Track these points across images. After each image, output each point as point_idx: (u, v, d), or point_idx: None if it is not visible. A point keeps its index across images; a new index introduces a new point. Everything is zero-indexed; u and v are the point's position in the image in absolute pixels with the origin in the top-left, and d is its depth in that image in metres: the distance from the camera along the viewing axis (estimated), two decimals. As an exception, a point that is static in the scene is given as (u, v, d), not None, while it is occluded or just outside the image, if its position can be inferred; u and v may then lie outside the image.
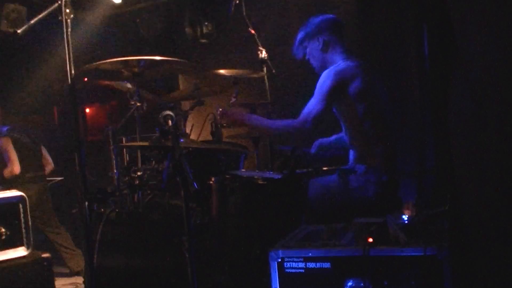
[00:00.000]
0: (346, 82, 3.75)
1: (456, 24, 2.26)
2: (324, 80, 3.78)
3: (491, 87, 2.20)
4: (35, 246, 3.79)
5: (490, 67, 2.19)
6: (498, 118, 2.19)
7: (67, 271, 6.08)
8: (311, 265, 2.58)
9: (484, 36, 2.20)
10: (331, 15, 4.08)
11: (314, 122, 3.73)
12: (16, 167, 5.83)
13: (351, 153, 3.92)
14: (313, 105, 3.76)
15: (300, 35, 4.02)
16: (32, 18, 2.91)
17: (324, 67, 3.95)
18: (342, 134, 4.13)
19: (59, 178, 6.61)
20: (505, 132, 2.18)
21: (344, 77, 3.76)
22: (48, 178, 6.35)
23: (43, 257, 3.74)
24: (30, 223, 3.74)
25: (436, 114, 2.47)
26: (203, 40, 6.07)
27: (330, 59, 3.94)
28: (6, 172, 5.83)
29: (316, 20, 4.02)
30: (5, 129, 6.01)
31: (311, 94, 3.79)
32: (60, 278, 5.81)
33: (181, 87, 6.05)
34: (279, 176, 3.34)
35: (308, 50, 4.01)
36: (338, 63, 3.87)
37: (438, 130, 2.45)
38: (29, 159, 6.05)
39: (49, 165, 6.39)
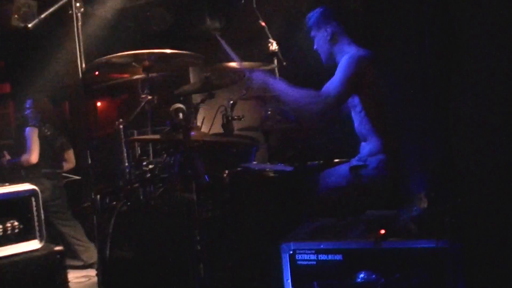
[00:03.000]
0: (368, 68, 3.73)
1: (458, 24, 2.25)
2: (346, 65, 3.72)
3: (492, 83, 2.20)
4: (48, 239, 3.81)
5: (491, 65, 2.19)
6: (500, 115, 2.19)
7: (80, 263, 6.12)
8: (322, 257, 2.59)
9: (486, 36, 2.20)
10: (335, 6, 4.06)
11: (336, 98, 3.67)
12: (33, 157, 6.01)
13: (363, 145, 3.90)
14: (335, 83, 3.70)
15: (307, 25, 4.01)
16: (42, 13, 2.92)
17: (331, 58, 3.91)
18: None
19: (77, 177, 6.70)
20: (508, 127, 2.17)
21: (365, 63, 3.74)
22: (65, 175, 6.46)
23: (56, 250, 3.75)
24: (42, 216, 3.76)
25: (438, 111, 2.46)
26: (218, 32, 6.11)
27: (339, 50, 3.91)
28: (23, 159, 6.01)
29: (321, 10, 4.00)
30: (35, 120, 6.19)
31: (322, 87, 3.77)
32: (73, 271, 5.85)
33: (192, 80, 6.06)
34: (291, 169, 3.33)
35: (316, 40, 4.00)
36: (353, 51, 3.83)
37: (440, 126, 2.44)
38: (49, 154, 6.17)
39: (70, 164, 6.50)
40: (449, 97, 2.34)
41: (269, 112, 4.11)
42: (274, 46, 4.27)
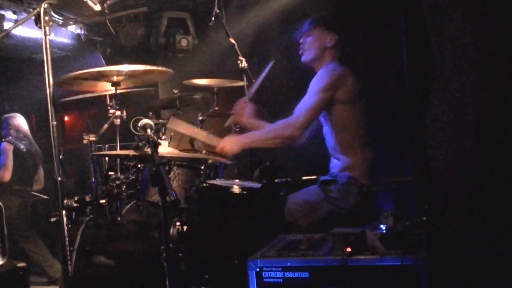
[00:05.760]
0: (342, 81, 3.76)
1: (433, 35, 2.29)
2: (321, 76, 3.77)
3: (468, 96, 2.23)
4: (11, 256, 3.74)
5: (467, 77, 2.23)
6: (475, 128, 2.22)
7: (45, 280, 6.03)
8: (289, 274, 2.58)
9: (461, 47, 2.23)
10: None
11: (308, 117, 3.71)
12: (6, 175, 5.92)
13: (333, 161, 3.91)
14: (306, 99, 3.74)
15: (312, 19, 3.99)
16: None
17: (315, 60, 3.92)
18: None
19: (45, 197, 6.62)
20: (483, 141, 2.21)
21: (341, 75, 3.78)
22: (34, 193, 6.37)
23: (19, 267, 3.69)
24: (6, 232, 3.70)
25: (413, 123, 2.49)
26: (180, 55, 6.15)
27: (325, 58, 3.92)
28: None
29: (332, 15, 4.03)
30: (11, 136, 6.13)
31: (290, 104, 3.79)
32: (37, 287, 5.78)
33: (160, 96, 6.05)
34: (259, 186, 3.33)
35: (312, 37, 3.95)
36: (332, 65, 3.87)
37: (415, 139, 2.47)
38: (22, 172, 6.08)
39: (39, 185, 6.41)
40: (425, 111, 2.37)
41: (237, 129, 4.12)
42: (243, 63, 4.28)
